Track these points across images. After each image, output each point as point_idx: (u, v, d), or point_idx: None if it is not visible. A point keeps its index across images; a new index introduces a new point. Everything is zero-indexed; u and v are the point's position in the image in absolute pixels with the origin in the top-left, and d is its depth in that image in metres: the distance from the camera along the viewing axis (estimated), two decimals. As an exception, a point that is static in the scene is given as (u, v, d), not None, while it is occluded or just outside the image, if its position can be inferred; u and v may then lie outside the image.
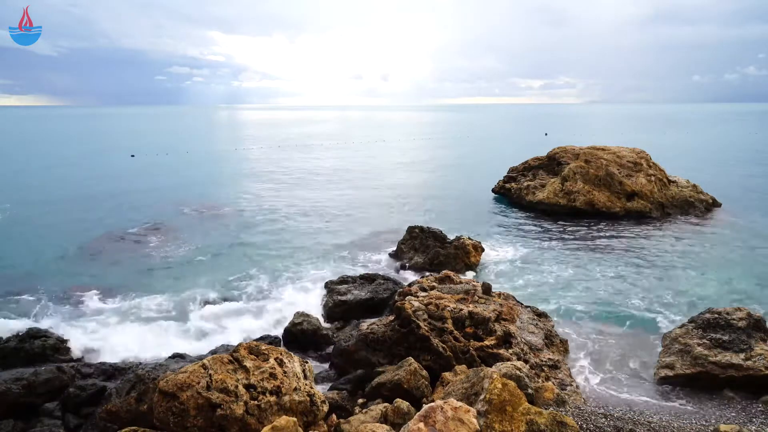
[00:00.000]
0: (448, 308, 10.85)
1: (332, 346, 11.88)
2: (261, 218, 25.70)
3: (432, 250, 17.58)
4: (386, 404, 7.94)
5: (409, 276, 16.75)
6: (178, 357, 11.23)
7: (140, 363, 10.89)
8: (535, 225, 23.40)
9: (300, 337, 12.53)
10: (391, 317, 11.09)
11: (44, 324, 13.19)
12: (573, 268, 17.36)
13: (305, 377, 8.06)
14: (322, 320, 13.53)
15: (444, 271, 14.05)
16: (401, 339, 10.42)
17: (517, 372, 8.17)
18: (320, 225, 24.22)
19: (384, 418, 7.39)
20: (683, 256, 18.42)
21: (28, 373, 9.82)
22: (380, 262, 18.53)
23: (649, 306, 14.21)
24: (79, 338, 12.49)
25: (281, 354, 8.12)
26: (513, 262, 18.20)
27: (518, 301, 13.00)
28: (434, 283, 13.04)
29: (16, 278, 16.83)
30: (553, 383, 9.30)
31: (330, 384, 10.26)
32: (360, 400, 9.15)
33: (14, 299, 15.17)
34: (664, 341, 11.16)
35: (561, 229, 22.45)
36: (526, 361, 9.83)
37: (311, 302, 14.91)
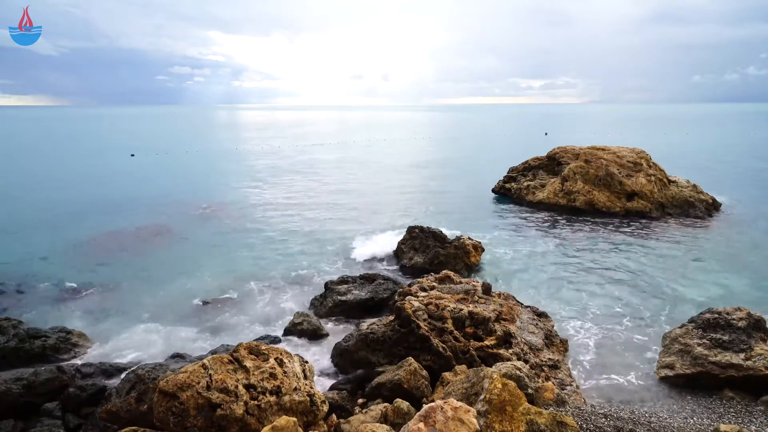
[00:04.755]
0: (448, 308, 10.85)
1: (332, 346, 11.88)
2: (261, 218, 25.70)
3: (432, 250, 17.58)
4: (386, 404, 7.95)
5: (409, 276, 16.74)
6: (178, 357, 11.23)
7: (140, 363, 10.89)
8: (535, 225, 23.39)
9: (300, 337, 12.55)
10: (391, 317, 11.08)
11: (44, 324, 13.18)
12: (573, 268, 17.36)
13: (305, 377, 8.07)
14: (321, 320, 13.52)
15: (444, 271, 14.05)
16: (401, 339, 10.42)
17: (517, 372, 8.17)
18: (320, 225, 24.20)
19: (384, 418, 7.39)
20: (683, 256, 18.42)
21: (28, 373, 9.83)
22: (380, 262, 18.53)
23: (649, 306, 14.20)
24: (79, 338, 12.48)
25: (281, 354, 8.13)
26: (513, 262, 18.19)
27: (518, 301, 13.00)
28: (434, 283, 13.03)
29: (16, 278, 16.82)
30: (553, 383, 9.30)
31: (330, 384, 10.26)
32: (360, 400, 9.16)
33: (14, 299, 15.16)
34: (664, 341, 11.16)
35: (561, 229, 22.45)
36: (526, 361, 9.83)
37: (311, 302, 14.91)
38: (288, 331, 12.75)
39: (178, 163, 49.01)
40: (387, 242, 20.69)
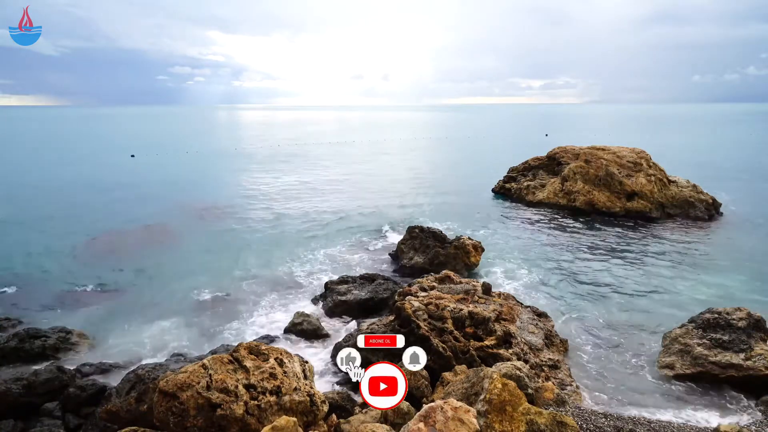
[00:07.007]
0: (448, 308, 10.85)
1: (332, 346, 11.88)
2: (261, 218, 25.70)
3: (432, 250, 17.57)
4: (386, 404, 7.94)
5: (409, 276, 16.73)
6: (178, 357, 11.24)
7: (140, 363, 10.89)
8: (536, 225, 23.39)
9: (300, 337, 12.54)
10: (391, 317, 11.09)
11: (44, 324, 13.18)
12: (573, 268, 17.35)
13: (305, 377, 8.06)
14: (321, 320, 13.52)
15: (444, 271, 14.04)
16: (401, 339, 10.41)
17: (517, 372, 8.17)
18: (320, 225, 24.21)
19: (384, 418, 7.39)
20: (683, 256, 18.41)
21: (28, 373, 9.84)
22: (380, 262, 18.52)
23: (649, 306, 14.20)
24: (79, 338, 12.48)
25: (281, 354, 8.13)
26: (513, 262, 18.19)
27: (518, 301, 12.99)
28: (434, 283, 13.03)
29: (16, 278, 16.82)
30: (553, 383, 9.30)
31: (330, 384, 10.25)
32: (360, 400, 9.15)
33: (14, 299, 15.16)
34: (664, 341, 11.16)
35: (561, 230, 22.45)
36: (526, 361, 9.83)
37: (311, 302, 14.91)
38: (288, 331, 12.75)
39: (178, 164, 49.02)
40: (387, 242, 20.71)
